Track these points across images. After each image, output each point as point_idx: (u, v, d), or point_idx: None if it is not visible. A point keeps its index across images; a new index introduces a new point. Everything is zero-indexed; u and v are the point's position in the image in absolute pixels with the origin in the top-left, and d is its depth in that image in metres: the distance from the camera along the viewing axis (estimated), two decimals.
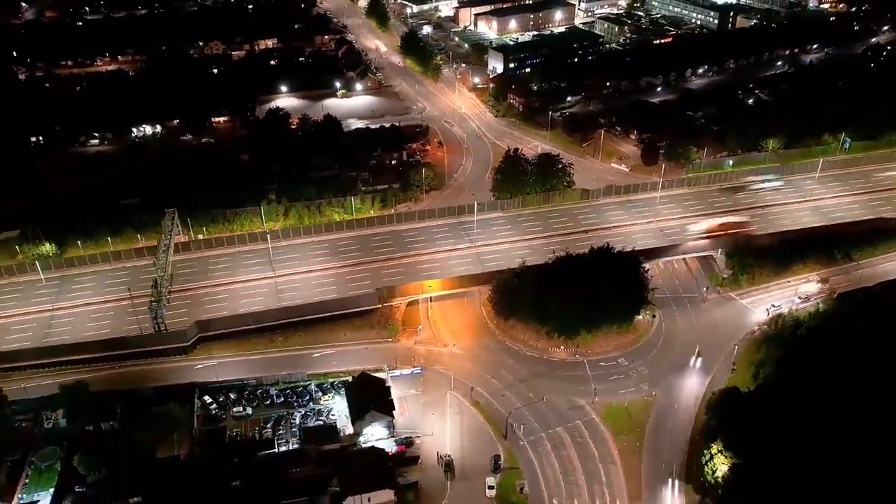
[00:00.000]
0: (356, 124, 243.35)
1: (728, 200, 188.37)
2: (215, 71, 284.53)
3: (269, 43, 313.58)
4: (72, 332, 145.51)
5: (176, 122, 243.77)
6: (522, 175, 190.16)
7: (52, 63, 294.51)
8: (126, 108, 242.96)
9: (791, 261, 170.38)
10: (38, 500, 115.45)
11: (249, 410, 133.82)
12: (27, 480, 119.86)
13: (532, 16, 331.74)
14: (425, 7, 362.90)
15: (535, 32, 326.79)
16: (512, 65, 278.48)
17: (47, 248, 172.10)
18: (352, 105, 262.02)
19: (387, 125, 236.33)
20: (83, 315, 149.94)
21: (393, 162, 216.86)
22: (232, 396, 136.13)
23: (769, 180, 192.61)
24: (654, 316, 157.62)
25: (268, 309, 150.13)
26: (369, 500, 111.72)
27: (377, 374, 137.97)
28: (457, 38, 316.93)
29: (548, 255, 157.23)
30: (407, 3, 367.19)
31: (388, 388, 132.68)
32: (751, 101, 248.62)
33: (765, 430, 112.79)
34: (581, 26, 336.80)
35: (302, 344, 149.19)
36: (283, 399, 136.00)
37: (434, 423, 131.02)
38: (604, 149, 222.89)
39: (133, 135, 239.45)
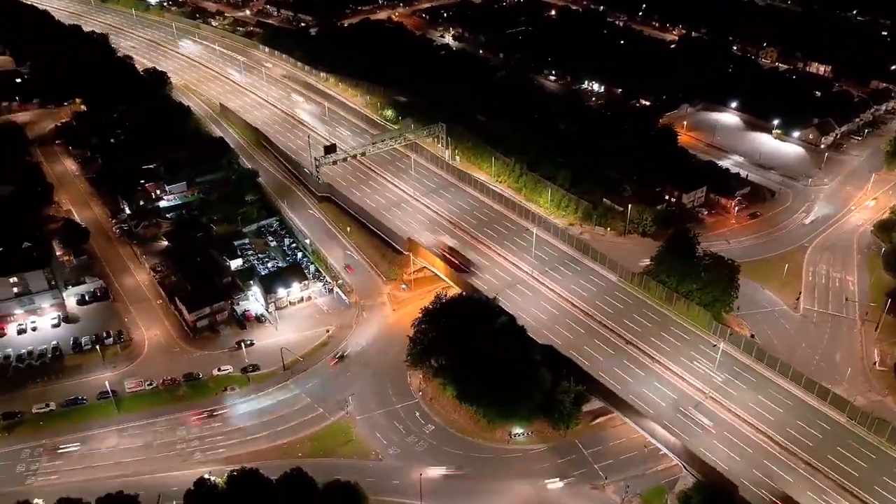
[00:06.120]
0: (730, 160, 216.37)
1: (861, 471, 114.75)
2: (730, 69, 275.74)
3: (822, 69, 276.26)
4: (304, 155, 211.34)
5: (619, 90, 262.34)
6: (685, 266, 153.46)
7: (637, 21, 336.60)
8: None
9: None
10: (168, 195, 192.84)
11: (273, 243, 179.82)
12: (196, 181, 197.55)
13: None
14: None
15: None
16: None
17: (389, 113, 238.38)
18: (769, 145, 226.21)
19: (734, 170, 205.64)
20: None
21: (671, 199, 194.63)
22: (282, 232, 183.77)
23: None
24: (513, 435, 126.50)
25: (357, 203, 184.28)
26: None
27: (331, 283, 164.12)
28: None
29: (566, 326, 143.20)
30: None
31: (294, 283, 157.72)
32: None
33: None
34: None
35: (353, 240, 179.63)
36: (289, 252, 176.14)
37: (288, 332, 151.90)
38: None
39: (582, 87, 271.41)
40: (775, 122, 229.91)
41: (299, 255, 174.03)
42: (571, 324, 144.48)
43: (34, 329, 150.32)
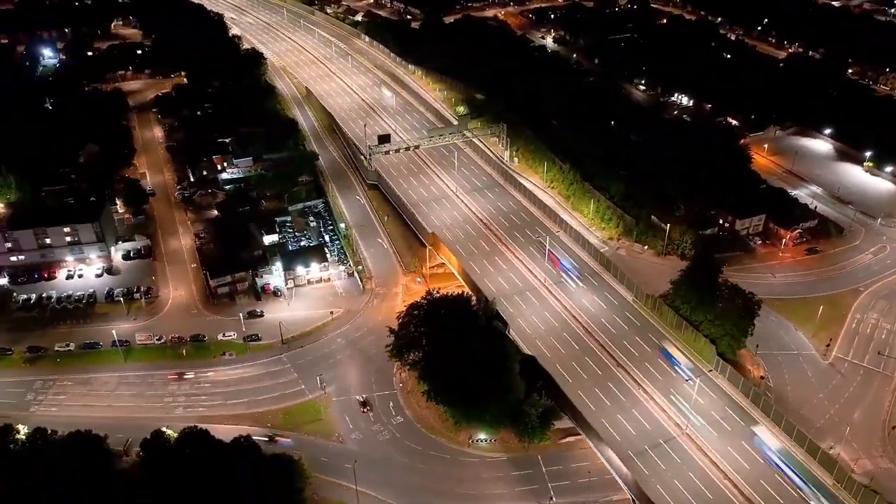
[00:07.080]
0: (807, 189, 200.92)
1: None
2: (834, 93, 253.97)
3: None
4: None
5: (709, 106, 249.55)
6: (701, 294, 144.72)
7: (754, 36, 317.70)
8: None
9: None
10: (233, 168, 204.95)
11: (313, 223, 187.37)
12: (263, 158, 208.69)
13: None
14: None
15: None
16: None
17: (461, 110, 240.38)
18: (856, 178, 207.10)
19: (805, 201, 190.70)
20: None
21: (725, 224, 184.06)
22: (325, 214, 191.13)
23: None
24: (476, 440, 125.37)
25: (398, 193, 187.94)
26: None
27: (352, 267, 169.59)
28: None
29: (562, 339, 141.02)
30: None
31: (313, 262, 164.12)
32: None
33: None
34: None
35: (387, 228, 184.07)
36: (323, 231, 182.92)
37: (299, 308, 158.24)
38: None
39: (670, 99, 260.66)
40: (867, 153, 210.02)
41: (327, 237, 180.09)
42: (568, 338, 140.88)
43: (80, 276, 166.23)
